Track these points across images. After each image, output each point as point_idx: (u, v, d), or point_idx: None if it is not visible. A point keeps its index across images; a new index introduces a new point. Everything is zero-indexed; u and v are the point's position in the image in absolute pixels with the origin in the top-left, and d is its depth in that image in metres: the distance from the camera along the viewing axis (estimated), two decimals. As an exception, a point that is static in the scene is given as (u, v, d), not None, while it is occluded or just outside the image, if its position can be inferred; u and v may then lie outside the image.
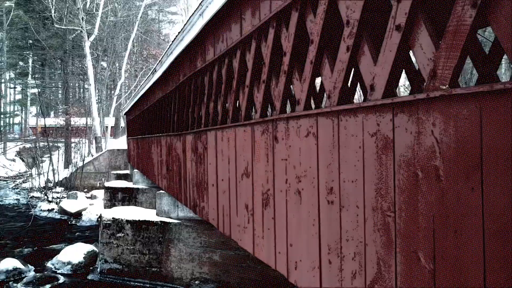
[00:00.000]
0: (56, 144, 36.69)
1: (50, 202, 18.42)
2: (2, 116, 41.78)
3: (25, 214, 16.39)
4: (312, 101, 5.35)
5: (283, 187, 3.36)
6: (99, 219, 14.99)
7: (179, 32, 6.32)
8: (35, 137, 40.33)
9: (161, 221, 8.96)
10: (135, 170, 16.10)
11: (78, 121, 31.63)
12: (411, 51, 2.18)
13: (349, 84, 3.76)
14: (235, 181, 4.57)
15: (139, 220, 9.21)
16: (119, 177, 21.27)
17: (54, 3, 22.99)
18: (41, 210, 17.06)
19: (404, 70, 4.79)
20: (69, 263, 9.94)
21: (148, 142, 13.07)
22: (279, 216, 3.45)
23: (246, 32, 4.09)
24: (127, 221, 9.34)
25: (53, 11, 23.07)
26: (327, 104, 2.74)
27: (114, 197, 15.76)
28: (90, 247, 10.50)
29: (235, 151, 4.55)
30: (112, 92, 30.92)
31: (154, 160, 11.58)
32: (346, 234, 2.51)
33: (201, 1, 4.90)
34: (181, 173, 7.66)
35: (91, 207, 16.42)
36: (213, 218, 5.42)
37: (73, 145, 28.85)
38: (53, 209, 17.01)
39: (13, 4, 40.95)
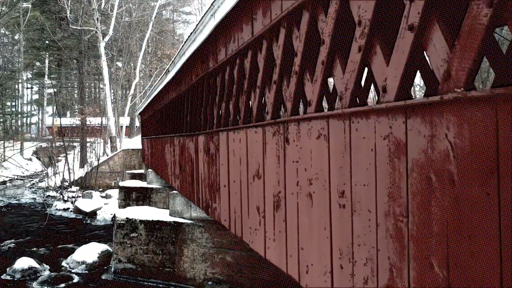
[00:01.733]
0: (72, 144, 37.13)
1: (65, 201, 18.61)
2: (19, 116, 42.34)
3: (40, 213, 16.55)
4: (325, 100, 5.31)
5: (294, 189, 3.32)
6: (113, 218, 15.10)
7: (191, 33, 6.31)
8: (51, 137, 40.83)
9: (174, 222, 8.97)
10: (149, 170, 16.18)
11: (93, 120, 31.96)
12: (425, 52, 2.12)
13: (362, 85, 3.69)
14: (246, 182, 4.54)
15: (152, 220, 9.24)
16: (133, 176, 21.40)
17: (69, 4, 23.21)
18: (56, 209, 17.24)
19: (418, 71, 4.71)
20: (83, 262, 10.01)
21: (161, 142, 13.11)
22: (290, 219, 3.41)
23: (257, 32, 4.06)
24: (141, 221, 9.38)
25: (68, 12, 23.29)
26: (339, 106, 2.69)
27: (129, 196, 15.85)
28: (104, 247, 10.57)
29: (247, 152, 4.52)
30: (127, 92, 31.12)
31: (167, 160, 11.61)
32: (358, 239, 2.46)
33: (213, 2, 4.88)
34: (194, 173, 7.65)
35: (106, 207, 16.53)
36: (225, 219, 5.40)
37: (88, 144, 29.13)
38: (68, 208, 17.17)
39: (30, 5, 41.52)
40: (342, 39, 3.00)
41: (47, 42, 48.84)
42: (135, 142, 28.14)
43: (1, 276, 9.42)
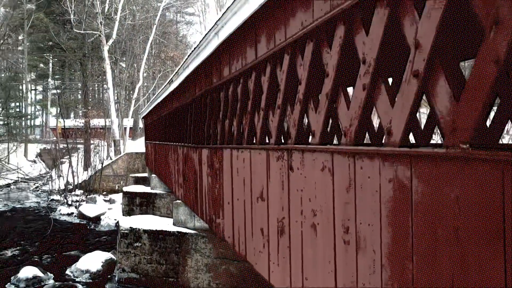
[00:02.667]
0: (75, 146, 37.21)
1: (69, 205, 18.67)
2: (23, 118, 42.46)
3: (45, 218, 16.61)
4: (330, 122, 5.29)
5: (299, 218, 3.31)
6: (117, 224, 15.13)
7: (195, 48, 6.31)
8: (55, 138, 40.94)
9: (177, 232, 8.98)
10: (153, 175, 16.20)
11: (97, 122, 32.03)
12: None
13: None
14: (250, 202, 4.54)
15: (156, 230, 9.26)
16: (137, 180, 21.44)
17: (73, 8, 23.24)
18: (60, 214, 17.30)
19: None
20: (87, 271, 10.04)
21: (165, 149, 13.12)
22: (295, 246, 3.40)
23: (261, 55, 4.05)
24: (144, 231, 9.39)
25: (72, 16, 23.33)
26: (343, 142, 2.67)
27: (132, 202, 15.89)
28: (108, 255, 10.59)
29: (250, 173, 4.51)
30: (131, 93, 31.14)
31: (171, 168, 11.62)
32: (362, 278, 2.45)
33: (217, 20, 4.88)
34: (197, 185, 7.65)
35: (110, 212, 16.57)
36: (229, 236, 5.39)
37: (92, 147, 29.18)
38: (72, 213, 17.23)
39: (34, 7, 41.61)
40: (348, 73, 2.99)
41: (50, 43, 48.99)
42: (139, 145, 28.17)
43: (6, 285, 9.45)
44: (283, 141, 4.06)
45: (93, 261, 10.33)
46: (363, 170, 2.44)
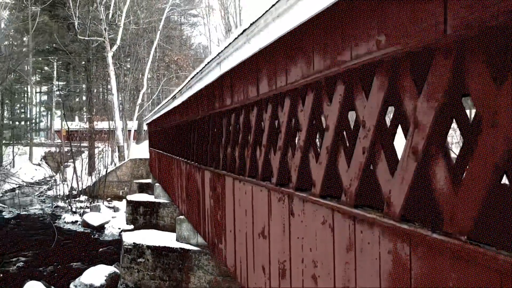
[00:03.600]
0: (80, 149, 37.33)
1: (74, 213, 18.75)
2: (27, 122, 42.66)
3: (49, 228, 16.67)
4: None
5: (300, 265, 3.31)
6: (120, 234, 15.15)
7: (197, 72, 6.31)
8: (60, 141, 41.09)
9: (180, 248, 8.99)
10: (157, 184, 16.24)
11: (102, 128, 32.15)
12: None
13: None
14: (252, 236, 4.54)
15: (159, 246, 9.28)
16: (141, 186, 21.51)
17: (77, 14, 23.30)
18: (65, 222, 17.37)
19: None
20: (91, 285, 10.08)
21: (169, 161, 13.14)
22: (296, 293, 3.40)
23: (263, 93, 4.04)
24: (148, 247, 9.41)
25: (76, 22, 23.40)
26: (343, 200, 2.67)
27: (136, 211, 15.94)
28: (111, 269, 10.63)
29: (252, 206, 4.51)
30: (135, 96, 31.17)
31: (175, 181, 11.63)
32: None
33: (219, 52, 4.88)
34: (200, 205, 7.66)
35: (114, 220, 16.62)
36: (231, 265, 5.39)
37: (96, 151, 29.27)
38: (76, 221, 17.30)
39: (39, 9, 41.76)
40: (349, 129, 2.98)
41: (55, 45, 49.19)
42: (143, 149, 28.23)
43: (10, 301, 9.51)
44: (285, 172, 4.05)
45: (97, 275, 10.37)
46: (363, 235, 2.44)
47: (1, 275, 11.01)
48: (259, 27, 3.53)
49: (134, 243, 9.57)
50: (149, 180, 22.25)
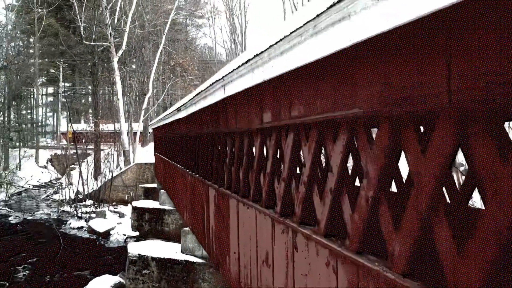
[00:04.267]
0: (86, 151, 37.48)
1: (79, 218, 18.83)
2: (34, 125, 42.88)
3: (55, 234, 16.74)
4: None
5: (304, 303, 3.29)
6: (126, 241, 15.20)
7: (202, 90, 6.30)
8: (66, 143, 41.29)
9: (185, 260, 9.00)
10: (162, 191, 16.26)
11: (108, 130, 32.29)
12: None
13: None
14: (256, 262, 4.52)
15: (164, 258, 9.29)
16: (146, 191, 21.57)
17: (83, 19, 23.40)
18: (71, 227, 17.45)
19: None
20: (96, 296, 10.12)
21: (173, 169, 13.15)
22: (300, 328, 3.38)
23: (266, 122, 4.03)
24: (153, 258, 9.43)
25: (82, 28, 23.48)
26: (347, 244, 2.65)
27: (142, 217, 15.97)
28: (116, 279, 10.67)
29: (256, 232, 4.50)
30: (141, 100, 31.23)
31: (179, 190, 11.64)
32: None
33: (223, 75, 4.86)
34: (204, 220, 7.66)
35: (119, 226, 16.68)
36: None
37: (102, 155, 29.38)
38: (82, 227, 17.37)
39: (45, 11, 41.99)
40: (353, 173, 2.96)
41: (61, 47, 49.41)
42: (148, 154, 28.30)
43: (16, 312, 9.56)
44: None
45: (102, 285, 10.40)
46: (367, 284, 2.42)
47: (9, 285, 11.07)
48: (263, 60, 3.51)
49: (139, 254, 9.59)
50: (154, 185, 22.31)
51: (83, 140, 40.18)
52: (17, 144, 38.99)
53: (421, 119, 2.09)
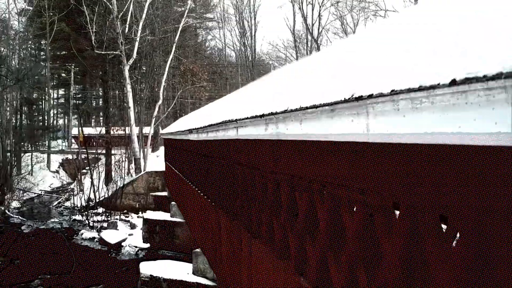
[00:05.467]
0: (97, 156, 37.73)
1: (91, 228, 18.99)
2: (46, 131, 43.24)
3: (67, 247, 16.88)
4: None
5: None
6: (137, 253, 15.28)
7: (213, 124, 6.30)
8: (77, 147, 41.61)
9: (197, 283, 9.04)
10: (173, 203, 16.34)
11: (119, 134, 32.53)
12: None
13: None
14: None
15: (176, 279, 9.34)
16: (157, 201, 21.72)
17: (94, 29, 23.57)
18: (82, 238, 17.60)
19: None
20: (108, 316, 10.20)
21: (184, 184, 13.17)
22: None
23: (278, 172, 4.02)
24: (164, 280, 9.49)
25: (93, 37, 23.65)
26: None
27: (153, 229, 16.10)
28: (128, 298, 10.74)
29: (270, 280, 4.49)
30: (151, 106, 31.34)
31: (189, 207, 11.69)
32: None
33: (237, 119, 4.85)
34: (216, 247, 7.66)
35: (131, 238, 16.79)
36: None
37: (113, 161, 29.56)
38: (94, 238, 17.50)
39: (56, 17, 42.34)
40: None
41: (71, 52, 49.76)
42: (158, 160, 28.37)
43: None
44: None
45: (114, 304, 10.48)
46: None
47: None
48: (278, 119, 3.51)
49: (151, 275, 9.65)
50: (165, 193, 22.43)
51: (94, 144, 40.54)
52: (29, 148, 39.37)
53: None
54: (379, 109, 1.75)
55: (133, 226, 18.40)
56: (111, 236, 16.63)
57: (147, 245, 15.96)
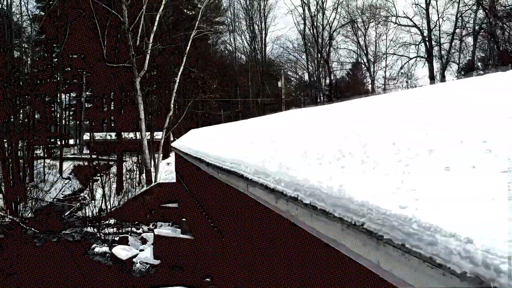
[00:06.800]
0: (108, 163, 38.02)
1: (103, 242, 19.13)
2: (57, 138, 43.64)
3: (79, 257, 17.03)
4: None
5: None
6: (148, 270, 15.36)
7: (224, 168, 6.32)
8: (88, 152, 41.98)
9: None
10: (184, 219, 16.41)
11: (130, 138, 32.84)
12: None
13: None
14: None
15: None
16: (168, 211, 21.87)
17: (105, 43, 23.76)
18: (94, 253, 17.74)
19: None
20: None
21: (194, 205, 13.22)
22: None
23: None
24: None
25: (104, 51, 23.83)
26: None
27: (163, 246, 16.16)
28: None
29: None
30: (162, 114, 31.46)
31: (199, 229, 11.71)
32: None
33: (247, 177, 4.87)
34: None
35: (142, 254, 16.88)
36: None
37: (124, 169, 29.76)
38: (105, 253, 17.63)
39: (68, 25, 42.74)
40: None
41: (83, 56, 50.24)
42: (169, 167, 28.51)
43: None
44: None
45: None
46: None
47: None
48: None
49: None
50: (175, 205, 22.58)
51: (105, 149, 40.87)
52: (41, 155, 39.76)
53: None
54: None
55: (144, 241, 18.51)
56: (122, 252, 16.75)
57: (158, 262, 16.07)
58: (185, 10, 53.01)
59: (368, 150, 2.80)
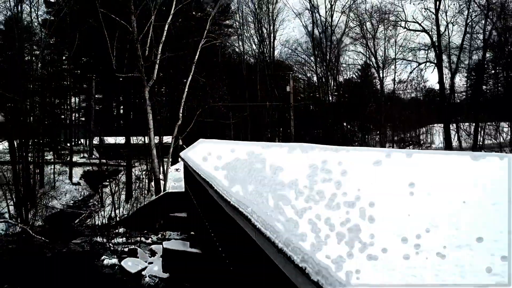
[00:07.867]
0: (117, 168, 38.14)
1: (112, 253, 19.24)
2: (67, 144, 43.88)
3: (89, 269, 17.11)
4: None
5: None
6: (156, 283, 15.42)
7: (233, 207, 6.33)
8: (98, 156, 42.17)
9: None
10: (192, 233, 16.45)
11: (138, 142, 32.96)
12: None
13: None
14: None
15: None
16: (176, 220, 21.91)
17: (115, 54, 23.83)
18: (103, 265, 17.83)
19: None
20: None
21: (203, 222, 13.25)
22: None
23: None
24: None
25: (114, 61, 23.91)
26: None
27: (172, 260, 16.22)
28: None
29: None
30: (171, 122, 31.52)
31: (209, 250, 11.73)
32: None
33: (252, 216, 4.89)
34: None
35: (150, 267, 16.96)
36: None
37: (133, 177, 29.88)
38: (115, 265, 17.72)
39: (77, 33, 42.91)
40: None
41: (92, 62, 50.60)
42: (178, 174, 28.59)
43: None
44: None
45: None
46: None
47: None
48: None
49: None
50: (184, 214, 22.61)
51: (114, 155, 41.01)
52: (51, 160, 40.03)
53: None
54: None
55: (153, 253, 18.57)
56: (131, 265, 16.83)
57: (167, 275, 16.13)
58: (193, 13, 53.08)
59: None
